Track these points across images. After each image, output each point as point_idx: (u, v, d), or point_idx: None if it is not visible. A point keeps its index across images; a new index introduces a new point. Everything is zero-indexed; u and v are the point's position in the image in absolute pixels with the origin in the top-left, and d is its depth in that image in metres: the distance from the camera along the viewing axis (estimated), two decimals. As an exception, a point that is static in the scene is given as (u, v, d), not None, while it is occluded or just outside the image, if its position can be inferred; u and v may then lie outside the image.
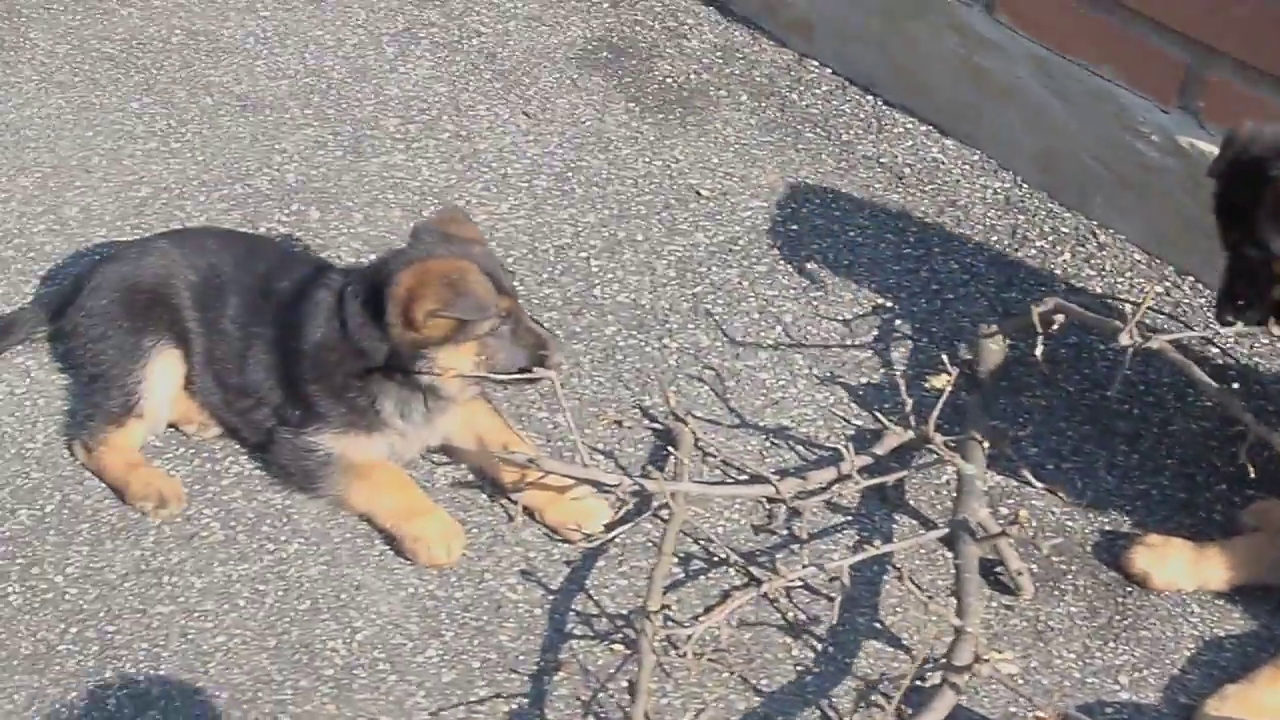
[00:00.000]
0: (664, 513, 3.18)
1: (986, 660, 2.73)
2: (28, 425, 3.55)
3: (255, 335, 3.39)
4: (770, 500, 3.34)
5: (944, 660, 2.83)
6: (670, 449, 3.43)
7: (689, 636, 2.87)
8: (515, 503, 3.30)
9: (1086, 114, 4.02)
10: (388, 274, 3.17)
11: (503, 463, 3.31)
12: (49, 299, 3.74)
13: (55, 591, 3.23)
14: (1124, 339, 3.12)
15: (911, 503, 3.42)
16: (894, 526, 3.38)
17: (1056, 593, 3.23)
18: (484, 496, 3.43)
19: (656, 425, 3.59)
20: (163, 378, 3.45)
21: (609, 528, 3.18)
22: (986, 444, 3.30)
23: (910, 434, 3.32)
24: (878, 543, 3.19)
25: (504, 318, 3.19)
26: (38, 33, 4.86)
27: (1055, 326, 3.33)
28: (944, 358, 3.38)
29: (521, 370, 3.21)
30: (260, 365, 3.37)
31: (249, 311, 3.41)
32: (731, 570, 3.26)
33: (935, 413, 3.17)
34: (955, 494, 3.23)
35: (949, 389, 3.21)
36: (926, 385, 3.22)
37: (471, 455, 3.46)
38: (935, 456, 3.30)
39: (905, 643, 3.14)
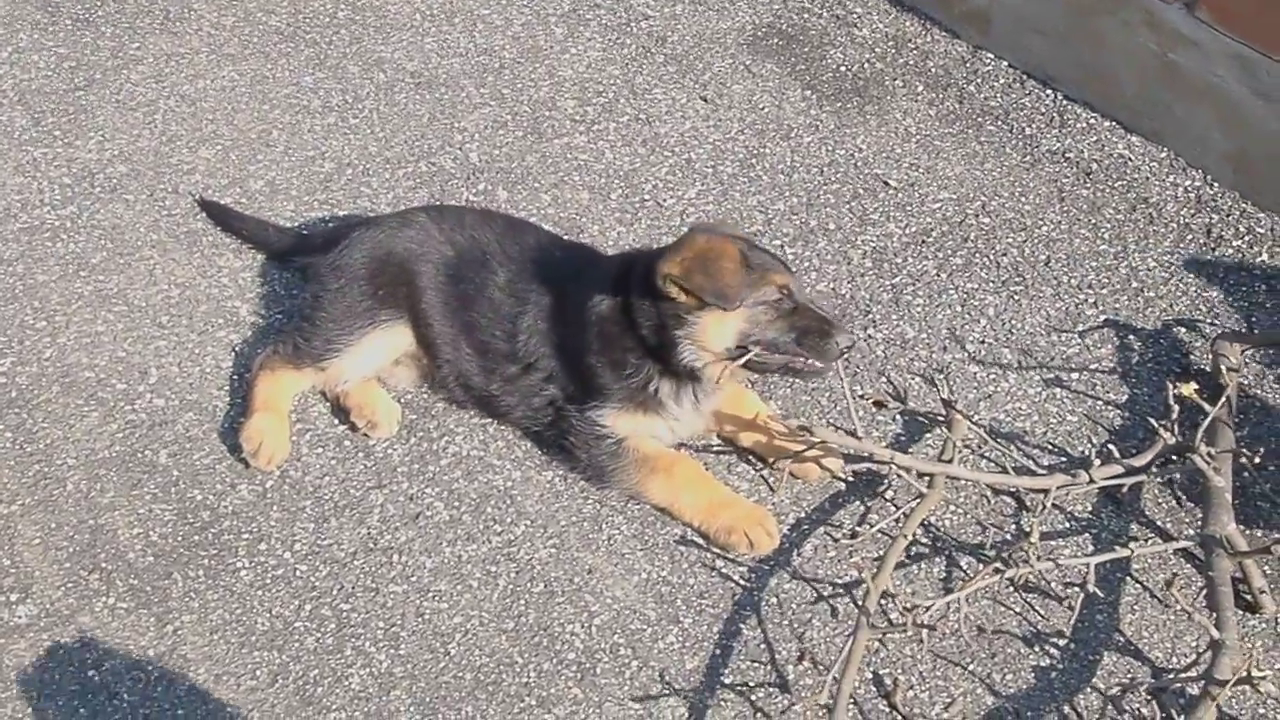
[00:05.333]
0: (893, 495, 3.19)
1: (1261, 678, 2.72)
2: (239, 400, 3.52)
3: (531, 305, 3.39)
4: (1014, 494, 3.34)
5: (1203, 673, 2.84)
6: (944, 433, 3.38)
7: (926, 608, 2.88)
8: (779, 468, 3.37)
9: (1291, 115, 3.99)
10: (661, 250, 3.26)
11: (778, 434, 3.34)
12: (310, 235, 3.87)
13: (285, 568, 3.21)
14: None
15: (1145, 510, 3.40)
16: (1122, 533, 3.36)
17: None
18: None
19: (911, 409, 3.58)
20: (382, 348, 3.48)
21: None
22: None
23: (1167, 441, 3.26)
24: (1117, 547, 3.15)
25: (779, 296, 3.19)
26: (202, 3, 4.81)
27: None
28: (1187, 360, 3.34)
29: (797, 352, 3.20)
30: (536, 334, 3.37)
31: (524, 281, 3.41)
32: (963, 563, 3.25)
33: (1204, 426, 3.13)
34: (1203, 506, 3.20)
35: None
36: (1175, 391, 3.17)
37: (742, 432, 3.46)
38: (1177, 465, 3.29)
39: (1145, 652, 3.12)
